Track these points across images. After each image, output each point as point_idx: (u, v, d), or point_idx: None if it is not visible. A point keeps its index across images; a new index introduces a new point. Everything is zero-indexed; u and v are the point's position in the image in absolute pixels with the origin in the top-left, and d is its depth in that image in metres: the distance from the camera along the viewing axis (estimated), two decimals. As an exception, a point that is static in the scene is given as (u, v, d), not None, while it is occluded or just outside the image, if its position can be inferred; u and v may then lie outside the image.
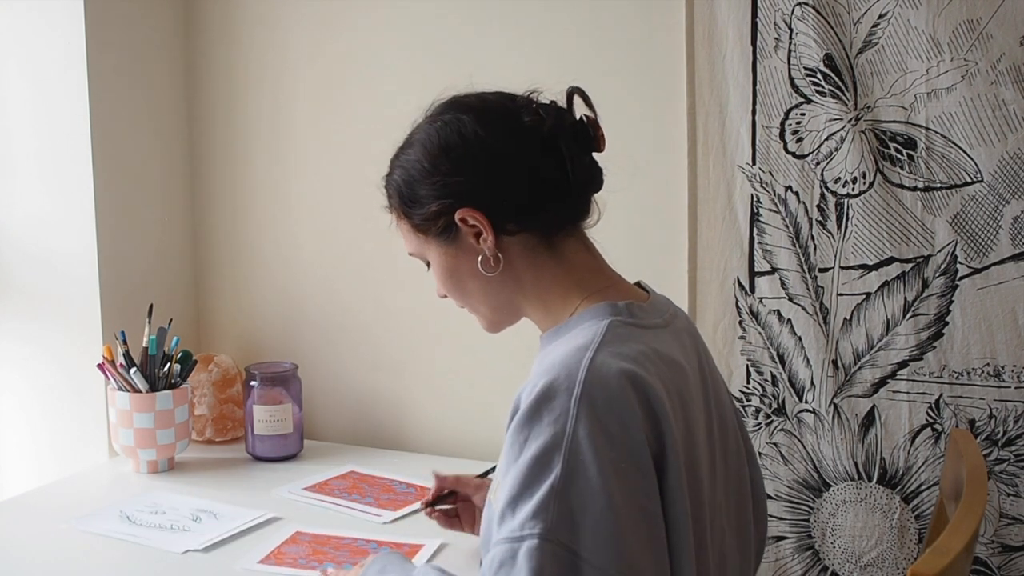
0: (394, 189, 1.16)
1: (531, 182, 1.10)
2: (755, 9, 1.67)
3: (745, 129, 1.70)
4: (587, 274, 1.14)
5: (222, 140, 2.14)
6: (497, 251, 1.11)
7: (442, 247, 1.14)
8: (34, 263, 1.98)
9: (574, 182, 1.11)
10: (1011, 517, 1.63)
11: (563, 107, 1.14)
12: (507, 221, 1.10)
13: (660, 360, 1.05)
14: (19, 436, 2.05)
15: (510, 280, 1.13)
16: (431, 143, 1.12)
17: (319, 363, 2.10)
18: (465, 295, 1.17)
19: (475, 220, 1.10)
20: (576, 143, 1.11)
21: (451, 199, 1.10)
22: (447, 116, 1.13)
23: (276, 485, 1.78)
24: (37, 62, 1.94)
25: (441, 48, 1.92)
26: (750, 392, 1.75)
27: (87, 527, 1.58)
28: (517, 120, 1.11)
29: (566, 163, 1.10)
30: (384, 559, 1.23)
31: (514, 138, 1.10)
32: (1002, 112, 1.56)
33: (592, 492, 0.94)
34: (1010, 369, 1.60)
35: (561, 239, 1.13)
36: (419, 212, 1.13)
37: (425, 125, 1.15)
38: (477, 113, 1.12)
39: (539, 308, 1.15)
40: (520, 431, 0.98)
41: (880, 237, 1.65)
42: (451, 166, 1.11)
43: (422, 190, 1.12)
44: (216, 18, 2.11)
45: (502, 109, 1.13)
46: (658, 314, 1.13)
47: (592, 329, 1.05)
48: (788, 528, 1.75)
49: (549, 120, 1.10)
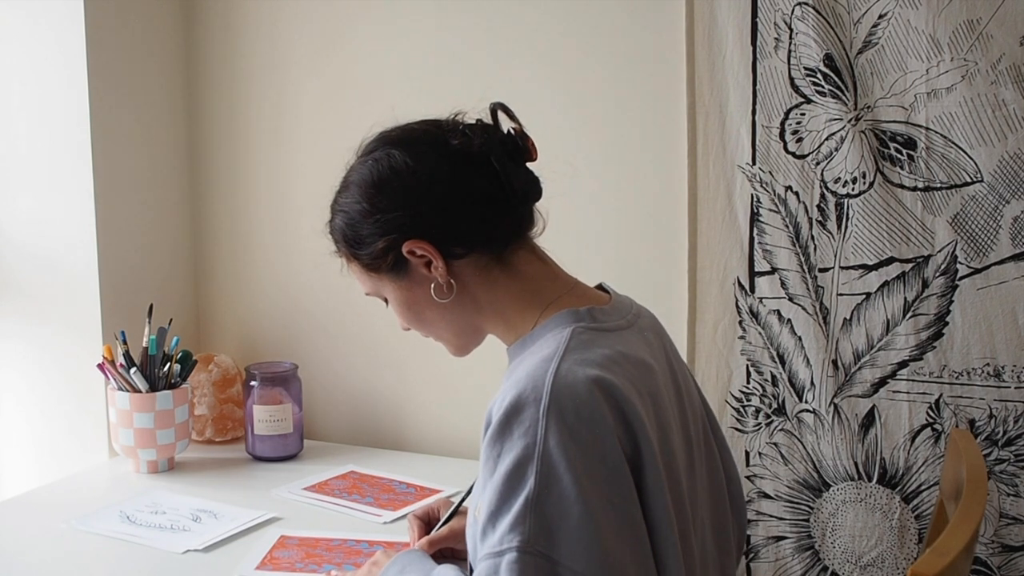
0: (339, 234, 1.17)
1: (470, 203, 1.11)
2: (755, 9, 1.67)
3: (745, 129, 1.70)
4: (543, 283, 1.15)
5: (222, 140, 2.15)
6: (449, 277, 1.12)
7: (395, 282, 1.15)
8: (34, 263, 1.98)
9: (512, 195, 1.11)
10: (1011, 517, 1.63)
11: (489, 124, 1.14)
12: (453, 245, 1.11)
13: (627, 362, 1.05)
14: (19, 436, 2.05)
15: (467, 302, 1.14)
16: (364, 182, 1.13)
17: (319, 363, 2.10)
18: (426, 324, 1.18)
19: (422, 250, 1.11)
20: (508, 157, 1.12)
21: (395, 234, 1.11)
22: (377, 152, 1.14)
23: (276, 485, 1.78)
24: (37, 62, 1.94)
25: (441, 49, 1.92)
26: (750, 392, 1.75)
27: (87, 527, 1.58)
28: (445, 145, 1.12)
29: (501, 178, 1.11)
30: (405, 559, 1.23)
31: (445, 163, 1.11)
32: (1002, 112, 1.56)
33: (568, 500, 0.95)
34: (1010, 369, 1.60)
35: (510, 253, 1.14)
36: (366, 252, 1.14)
37: (357, 165, 1.16)
38: (405, 144, 1.13)
39: (500, 324, 1.15)
40: (492, 446, 0.99)
41: (880, 237, 1.65)
42: (388, 201, 1.12)
43: (365, 230, 1.13)
44: (216, 18, 2.11)
45: (428, 136, 1.14)
46: (620, 315, 1.14)
47: (556, 338, 1.06)
48: (788, 528, 1.75)
49: (476, 139, 1.11)
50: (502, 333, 1.16)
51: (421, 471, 1.84)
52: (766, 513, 1.76)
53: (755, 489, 1.76)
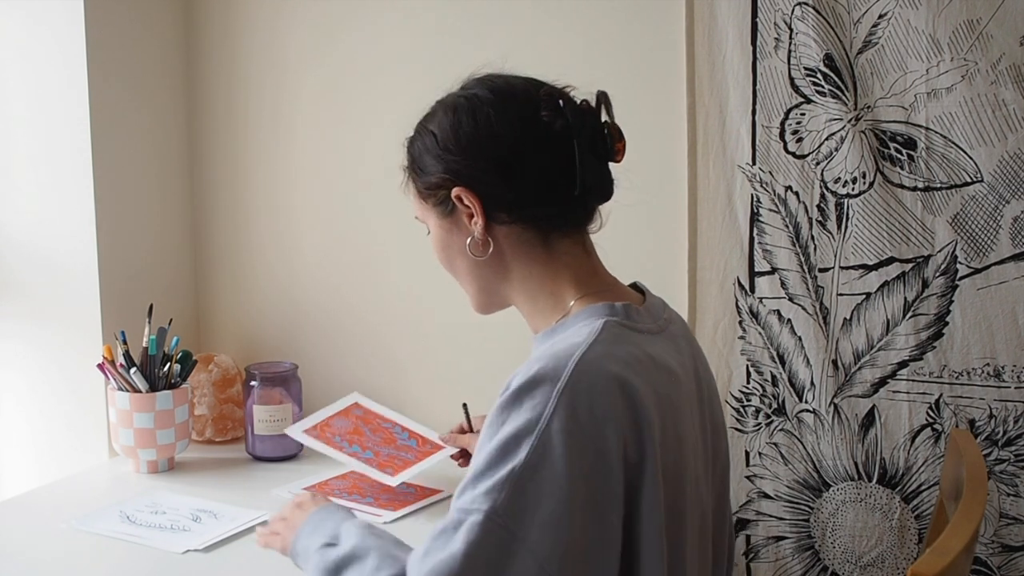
0: (409, 152, 1.18)
1: (532, 178, 1.10)
2: (755, 9, 1.67)
3: (745, 129, 1.70)
4: (582, 275, 1.14)
5: (222, 140, 2.14)
6: (487, 236, 1.11)
7: (439, 218, 1.15)
8: (34, 263, 1.98)
9: (579, 187, 1.09)
10: (1011, 517, 1.63)
11: (588, 109, 1.12)
12: (499, 210, 1.11)
13: (653, 365, 1.05)
14: (19, 436, 2.05)
15: (498, 267, 1.14)
16: (446, 119, 1.13)
17: (319, 363, 2.10)
18: (454, 270, 1.18)
19: (469, 201, 1.11)
20: (590, 148, 1.10)
21: (451, 176, 1.11)
22: (470, 92, 1.14)
23: (276, 485, 1.78)
24: (37, 63, 1.93)
25: (441, 50, 1.92)
26: (750, 392, 1.75)
27: (87, 527, 1.58)
28: (534, 112, 1.10)
29: (575, 166, 1.09)
30: (317, 516, 1.18)
31: (525, 130, 1.10)
32: (1002, 112, 1.56)
33: (551, 486, 0.95)
34: (1010, 369, 1.60)
35: (557, 238, 1.13)
36: (423, 180, 1.15)
37: (449, 98, 1.15)
38: (497, 96, 1.12)
39: (526, 301, 1.15)
40: (500, 412, 0.99)
41: (880, 237, 1.65)
42: (457, 146, 1.11)
43: (429, 161, 1.14)
44: (216, 18, 2.11)
45: (522, 99, 1.12)
46: (653, 319, 1.13)
47: (588, 327, 1.05)
48: (788, 528, 1.75)
49: (568, 119, 1.09)
50: (527, 313, 1.16)
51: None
52: (766, 513, 1.76)
53: (755, 489, 1.76)
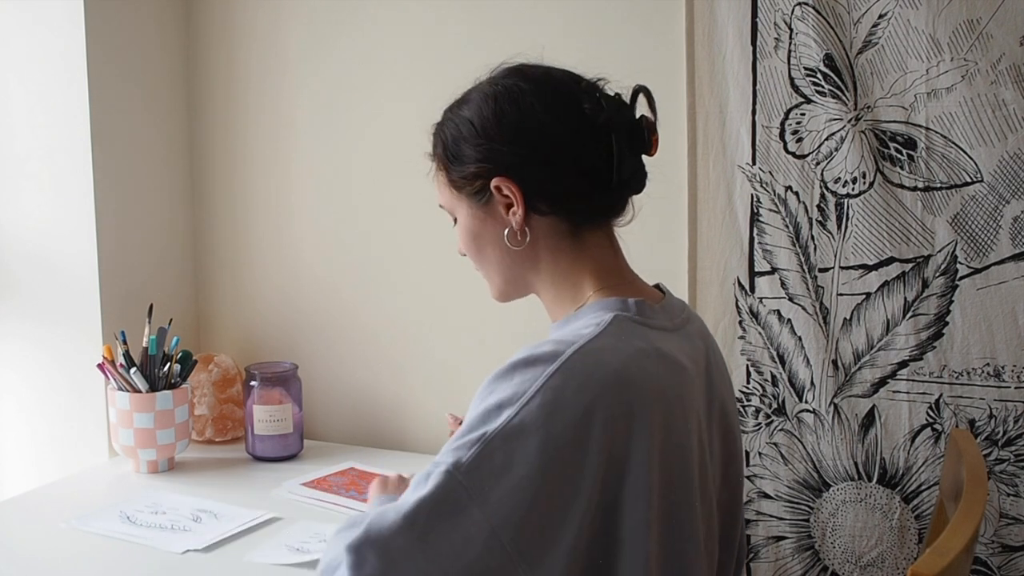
0: (440, 140, 1.16)
1: (574, 169, 1.10)
2: (755, 9, 1.67)
3: (745, 129, 1.70)
4: (604, 269, 1.14)
5: (222, 140, 2.15)
6: (525, 226, 1.11)
7: (472, 208, 1.14)
8: (34, 263, 1.98)
9: (617, 179, 1.10)
10: (1011, 517, 1.62)
11: (625, 102, 1.13)
12: (540, 201, 1.10)
13: (661, 360, 1.04)
14: (19, 436, 2.05)
15: (529, 257, 1.13)
16: (487, 106, 1.12)
17: (319, 363, 2.10)
18: (482, 260, 1.17)
19: (509, 191, 1.10)
20: (628, 141, 1.11)
21: (492, 165, 1.10)
22: (509, 81, 1.12)
23: (276, 485, 1.78)
24: (37, 63, 1.94)
25: (440, 50, 1.92)
26: (750, 392, 1.75)
27: (87, 527, 1.58)
28: (577, 104, 1.10)
29: (613, 158, 1.09)
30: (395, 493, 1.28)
31: (569, 121, 1.10)
32: (1002, 112, 1.56)
33: (523, 458, 0.95)
34: (1010, 369, 1.60)
35: (588, 231, 1.13)
36: (458, 169, 1.13)
37: (486, 86, 1.14)
38: (539, 86, 1.12)
39: (550, 291, 1.15)
40: (492, 382, 1.01)
41: (880, 237, 1.65)
42: (500, 133, 1.10)
43: (467, 149, 1.12)
44: (216, 18, 2.11)
45: (565, 89, 1.12)
46: (669, 317, 1.12)
47: (596, 320, 1.05)
48: (788, 528, 1.75)
49: (608, 112, 1.10)
50: (548, 301, 1.16)
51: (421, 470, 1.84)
52: (766, 513, 1.76)
53: (755, 489, 1.76)
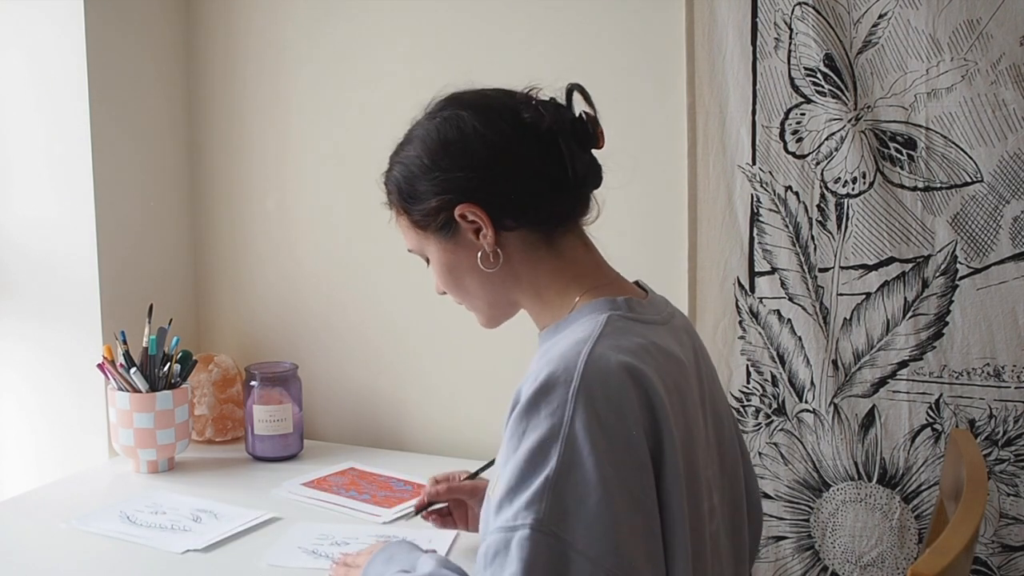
0: (393, 185, 1.16)
1: (530, 178, 1.11)
2: (755, 9, 1.67)
3: (745, 129, 1.70)
4: (585, 270, 1.15)
5: (222, 140, 2.14)
6: (496, 247, 1.11)
7: (441, 243, 1.14)
8: (35, 264, 1.98)
9: (573, 179, 1.11)
10: (1011, 517, 1.62)
11: (562, 104, 1.14)
12: (506, 217, 1.11)
13: (659, 353, 1.05)
14: (19, 436, 2.05)
15: (508, 276, 1.14)
16: (430, 139, 1.12)
17: (319, 363, 2.10)
18: (463, 291, 1.17)
19: (475, 216, 1.10)
20: (575, 140, 1.12)
21: (451, 195, 1.11)
22: (446, 112, 1.13)
23: (276, 485, 1.78)
24: (37, 63, 1.94)
25: (440, 48, 1.92)
26: (750, 392, 1.75)
27: (87, 527, 1.58)
28: (516, 116, 1.11)
29: (565, 160, 1.10)
30: (392, 548, 1.23)
31: (514, 134, 1.11)
32: (1002, 112, 1.56)
33: (588, 484, 0.94)
34: (1010, 369, 1.60)
35: (560, 235, 1.14)
36: (418, 208, 1.14)
37: (424, 121, 1.15)
38: (477, 109, 1.12)
39: (536, 302, 1.15)
40: (519, 423, 0.99)
41: (880, 237, 1.65)
42: (451, 162, 1.11)
43: (421, 186, 1.13)
44: (216, 18, 2.11)
45: (501, 105, 1.13)
46: (656, 311, 1.14)
47: (591, 323, 1.06)
48: (788, 528, 1.75)
49: (548, 117, 1.11)
50: (536, 313, 1.16)
51: (421, 471, 1.84)
52: (766, 513, 1.76)
53: (755, 489, 1.76)
